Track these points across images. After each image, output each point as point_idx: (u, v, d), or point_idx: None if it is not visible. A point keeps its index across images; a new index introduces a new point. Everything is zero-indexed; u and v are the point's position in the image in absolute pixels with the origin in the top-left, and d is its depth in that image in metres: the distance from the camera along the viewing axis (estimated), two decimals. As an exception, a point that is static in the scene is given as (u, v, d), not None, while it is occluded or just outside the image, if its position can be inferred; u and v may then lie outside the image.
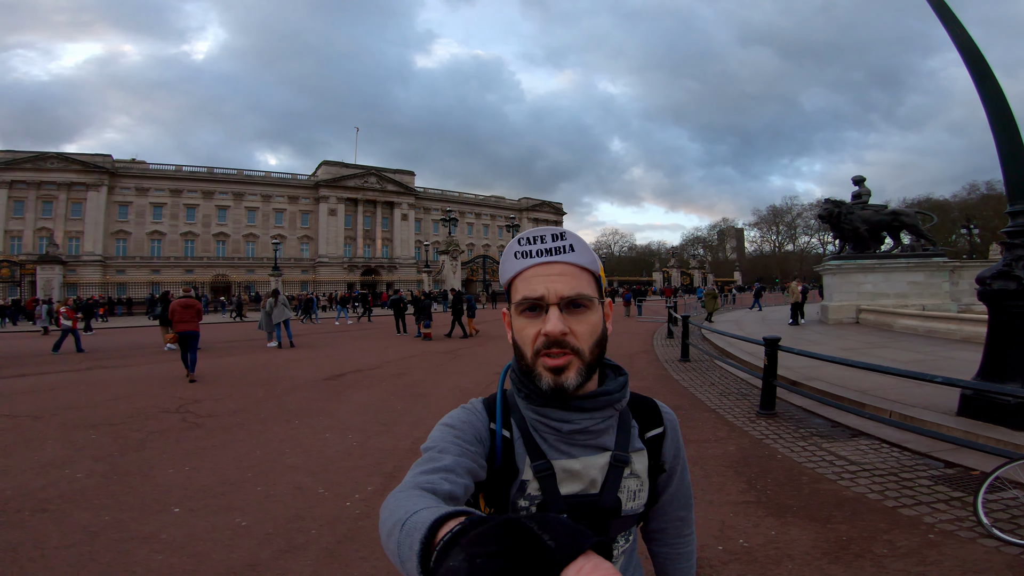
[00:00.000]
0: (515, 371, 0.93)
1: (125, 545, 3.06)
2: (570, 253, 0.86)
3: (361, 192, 63.12)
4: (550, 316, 0.83)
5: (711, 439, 5.22)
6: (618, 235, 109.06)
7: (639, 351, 12.37)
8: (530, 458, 0.88)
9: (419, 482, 0.73)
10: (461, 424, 0.87)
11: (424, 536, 0.53)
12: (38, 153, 49.97)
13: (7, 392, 8.17)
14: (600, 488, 0.88)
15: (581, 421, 0.88)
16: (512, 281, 0.89)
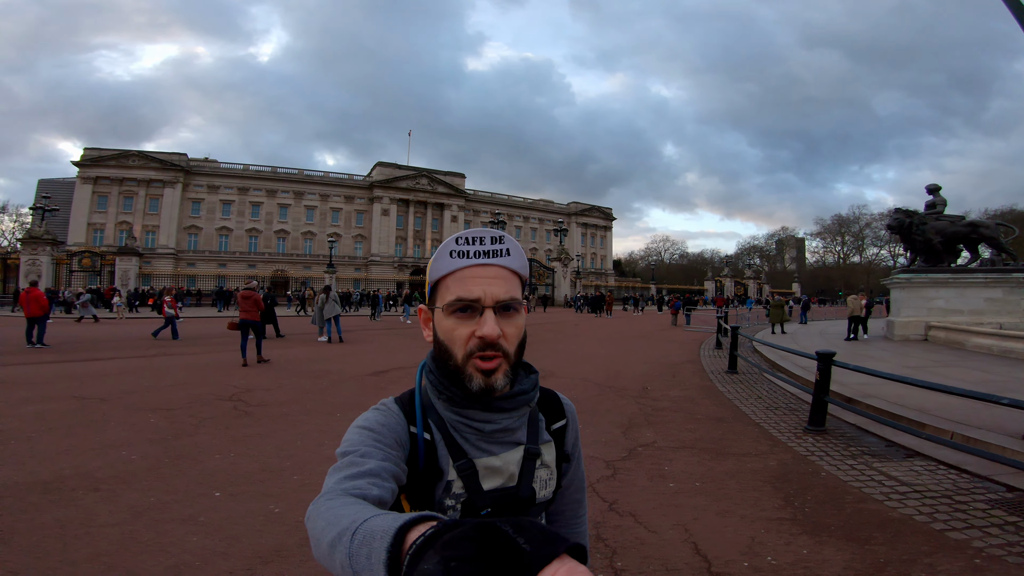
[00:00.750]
0: (432, 372, 0.93)
1: (165, 526, 3.25)
2: (506, 257, 0.87)
3: (413, 193, 64.68)
4: (486, 319, 0.83)
5: (751, 453, 5.05)
6: (669, 242, 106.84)
7: (684, 361, 12.04)
8: (452, 458, 0.88)
9: (346, 488, 0.72)
10: (380, 427, 0.86)
11: (391, 543, 0.51)
12: (121, 151, 54.08)
13: (80, 375, 8.87)
14: (517, 481, 0.91)
15: (502, 420, 0.90)
16: (443, 279, 0.87)
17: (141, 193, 53.74)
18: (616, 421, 6.10)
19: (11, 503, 3.48)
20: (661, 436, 5.51)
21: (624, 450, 4.94)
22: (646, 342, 16.75)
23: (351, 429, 0.86)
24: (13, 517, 3.25)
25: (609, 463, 4.52)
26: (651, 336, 19.06)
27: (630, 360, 11.90)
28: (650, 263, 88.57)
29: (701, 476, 4.27)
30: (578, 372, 9.84)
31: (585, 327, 22.99)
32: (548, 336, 17.91)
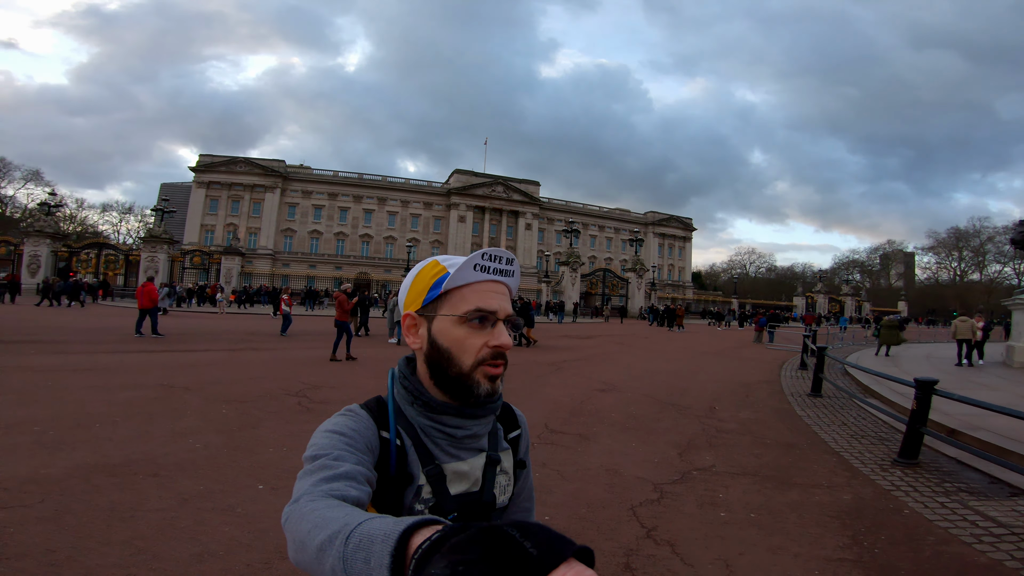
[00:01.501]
0: (406, 377, 0.96)
1: (204, 514, 3.36)
2: (512, 278, 0.95)
3: (488, 200, 65.89)
4: (501, 330, 0.89)
5: (822, 484, 4.52)
6: (755, 254, 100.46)
7: (760, 381, 11.19)
8: (422, 463, 0.90)
9: (325, 491, 0.71)
10: (351, 432, 0.86)
11: (395, 547, 0.50)
12: (230, 158, 59.65)
13: (173, 365, 9.73)
14: (481, 486, 0.95)
15: (473, 427, 0.94)
16: (459, 289, 0.90)
17: (246, 197, 58.92)
18: (673, 441, 5.73)
19: (75, 484, 3.75)
20: (721, 460, 5.09)
21: (677, 473, 4.60)
22: (721, 359, 15.80)
23: (319, 433, 0.86)
24: (72, 498, 3.49)
25: (657, 486, 4.21)
26: (727, 353, 17.97)
27: (699, 377, 11.25)
28: (733, 276, 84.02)
29: (758, 506, 3.86)
30: (640, 387, 9.42)
31: (656, 340, 22.14)
32: (614, 349, 17.41)
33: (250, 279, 45.46)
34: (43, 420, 5.41)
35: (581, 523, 3.41)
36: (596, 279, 49.71)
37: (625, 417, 6.85)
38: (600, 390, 8.86)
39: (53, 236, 37.88)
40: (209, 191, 58.57)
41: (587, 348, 16.93)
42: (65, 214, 63.05)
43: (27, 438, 4.76)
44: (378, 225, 63.47)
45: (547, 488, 4.03)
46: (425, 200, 65.47)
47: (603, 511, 3.62)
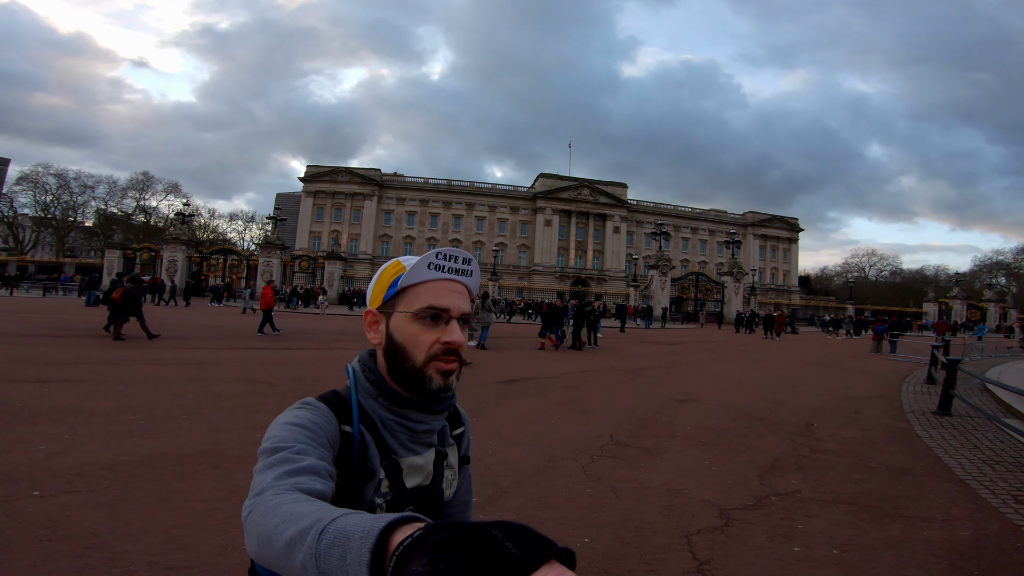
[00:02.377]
0: (370, 371, 0.98)
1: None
2: (470, 277, 0.95)
3: (574, 204, 65.24)
4: (453, 328, 0.91)
5: (935, 517, 3.76)
6: (876, 256, 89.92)
7: (875, 396, 9.81)
8: (381, 457, 0.93)
9: (290, 484, 0.70)
10: (313, 426, 0.86)
11: (374, 545, 0.49)
12: (332, 168, 64.42)
13: (267, 361, 10.44)
14: (432, 479, 0.99)
15: (432, 422, 0.98)
16: (414, 287, 0.92)
17: (347, 205, 63.23)
18: (754, 461, 5.06)
19: (144, 472, 3.95)
20: (810, 485, 4.38)
21: (752, 497, 4.00)
22: (828, 370, 14.17)
23: (279, 426, 0.85)
24: (135, 485, 3.68)
25: (724, 511, 3.66)
26: (836, 364, 16.11)
27: (800, 391, 10.08)
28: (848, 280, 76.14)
29: (846, 542, 3.21)
30: (727, 399, 8.60)
31: (753, 349, 20.42)
32: (703, 356, 16.25)
33: (352, 282, 48.58)
34: (141, 410, 5.89)
35: (623, 548, 3.01)
36: (688, 283, 47.30)
37: (702, 431, 6.22)
38: (679, 400, 8.20)
39: (188, 243, 43.04)
40: (316, 200, 63.55)
41: (672, 355, 15.98)
42: (200, 223, 71.62)
43: (121, 426, 5.19)
44: (467, 230, 65.18)
45: (595, 506, 3.66)
46: (511, 205, 66.22)
47: (653, 537, 3.18)
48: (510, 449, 5.13)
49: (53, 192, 60.97)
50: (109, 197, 65.33)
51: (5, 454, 4.15)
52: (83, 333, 13.21)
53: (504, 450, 5.09)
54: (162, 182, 69.39)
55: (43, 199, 60.70)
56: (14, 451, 4.24)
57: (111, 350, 10.46)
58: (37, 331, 13.09)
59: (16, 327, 13.70)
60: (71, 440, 4.65)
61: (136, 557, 2.70)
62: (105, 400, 6.24)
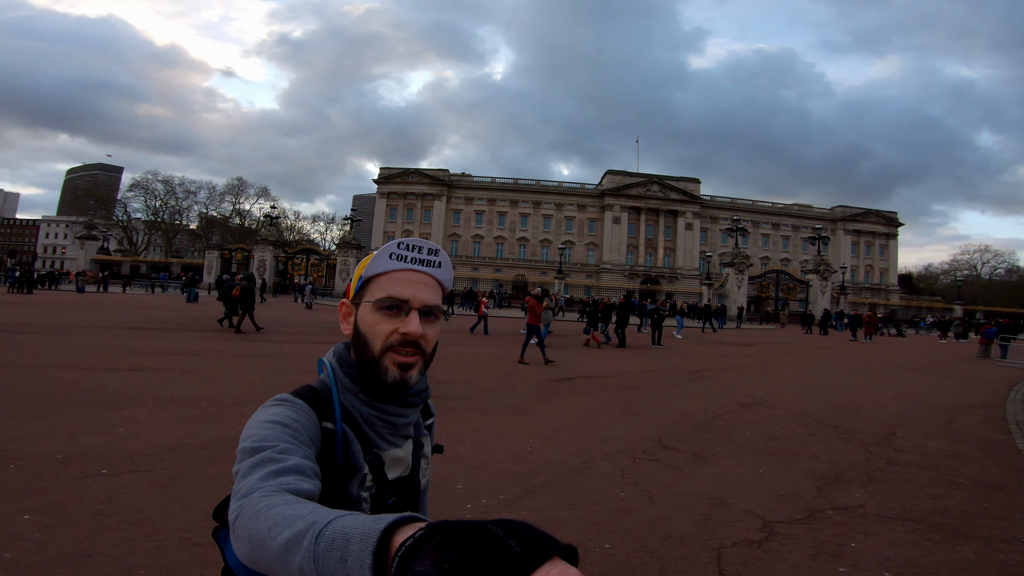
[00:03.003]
0: (348, 366, 0.95)
1: None
2: (438, 269, 0.94)
3: (644, 200, 63.39)
4: (412, 319, 0.89)
5: (1018, 539, 3.31)
6: (989, 253, 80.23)
7: (974, 404, 8.73)
8: (364, 451, 0.91)
9: (276, 484, 0.68)
10: (294, 424, 0.83)
11: (376, 546, 0.49)
12: (403, 169, 66.65)
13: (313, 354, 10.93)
14: (410, 470, 0.99)
15: (411, 415, 0.97)
16: (376, 277, 0.92)
17: (418, 205, 65.29)
18: (816, 471, 4.63)
19: (202, 455, 4.26)
20: (876, 499, 3.94)
21: (804, 510, 3.65)
22: (924, 376, 12.80)
23: (258, 424, 0.81)
24: (190, 467, 3.97)
25: (767, 524, 3.35)
26: (936, 369, 14.52)
27: (885, 397, 9.16)
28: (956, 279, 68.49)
29: (902, 564, 2.84)
30: (796, 403, 7.97)
31: (838, 351, 18.83)
32: (778, 358, 15.20)
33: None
34: (213, 398, 6.36)
35: (644, 557, 2.83)
36: (768, 281, 44.57)
37: (762, 437, 5.79)
38: (743, 404, 7.70)
39: (275, 244, 46.27)
40: (389, 201, 66.12)
41: (743, 356, 15.07)
42: (286, 224, 76.81)
43: (192, 412, 5.62)
44: (534, 228, 65.22)
45: (625, 511, 3.49)
46: (579, 202, 65.45)
47: (679, 547, 2.96)
48: (549, 447, 5.03)
49: (161, 197, 67.81)
50: (209, 201, 71.75)
51: (88, 435, 4.60)
52: (180, 327, 14.56)
53: (542, 448, 5.00)
54: (254, 186, 75.18)
55: (153, 204, 67.71)
56: (96, 433, 4.70)
57: (200, 342, 11.42)
58: (140, 325, 14.56)
59: (123, 321, 15.34)
60: (147, 424, 5.08)
61: (171, 533, 2.89)
62: (185, 388, 6.79)
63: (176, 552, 2.72)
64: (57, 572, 2.48)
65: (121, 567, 2.55)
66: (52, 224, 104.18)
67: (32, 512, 3.03)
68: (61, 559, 2.58)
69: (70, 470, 3.75)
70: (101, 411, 5.43)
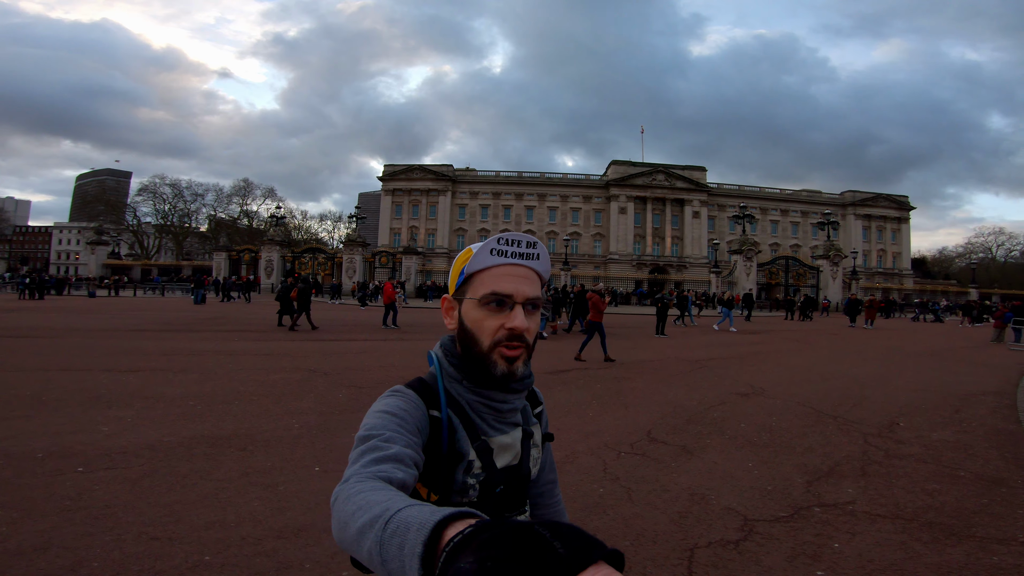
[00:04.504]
0: (452, 356, 0.99)
1: (250, 488, 3.52)
2: (536, 261, 0.95)
3: (649, 190, 62.83)
4: (516, 313, 0.91)
5: (1016, 539, 3.12)
6: (1004, 235, 78.64)
7: (985, 392, 8.47)
8: (471, 439, 0.94)
9: (372, 472, 0.72)
10: (402, 413, 0.88)
11: (428, 538, 0.51)
12: (407, 166, 66.53)
13: (329, 351, 10.93)
14: (519, 459, 1.01)
15: (516, 401, 0.99)
16: (478, 274, 0.94)
17: (423, 201, 65.22)
18: (808, 465, 4.47)
19: (179, 451, 4.25)
20: (867, 495, 3.78)
21: (789, 507, 3.50)
22: (937, 362, 12.49)
23: (372, 414, 0.88)
24: (165, 463, 3.96)
25: (747, 523, 3.22)
26: (949, 355, 14.18)
27: (891, 384, 8.92)
28: (974, 259, 67.22)
29: (884, 567, 2.68)
30: (798, 393, 7.78)
31: (847, 339, 18.49)
32: (785, 346, 14.94)
33: (429, 276, 50.18)
34: (202, 396, 6.36)
35: (611, 560, 2.70)
36: (777, 268, 43.98)
37: (756, 429, 5.64)
38: (741, 394, 7.54)
39: (281, 244, 46.50)
40: (394, 197, 66.11)
41: (749, 344, 14.84)
42: (294, 224, 77.16)
43: (179, 410, 5.63)
44: (539, 221, 64.91)
45: (600, 508, 3.38)
46: (584, 194, 65.01)
47: (650, 547, 2.84)
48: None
49: (170, 201, 68.44)
50: (217, 204, 72.29)
51: (72, 434, 4.63)
52: (184, 328, 14.65)
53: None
54: (260, 187, 75.62)
55: (162, 208, 68.35)
56: (81, 431, 4.73)
57: (200, 343, 11.47)
58: (145, 327, 14.66)
59: (129, 324, 15.46)
60: (132, 422, 5.10)
61: (131, 528, 2.91)
62: (177, 387, 6.80)
63: (132, 545, 2.73)
64: (13, 563, 2.52)
65: (75, 559, 2.58)
66: (64, 231, 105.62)
67: (3, 507, 3.08)
68: (21, 551, 2.63)
69: (48, 467, 3.79)
70: (90, 411, 5.48)
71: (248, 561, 2.65)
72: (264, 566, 2.62)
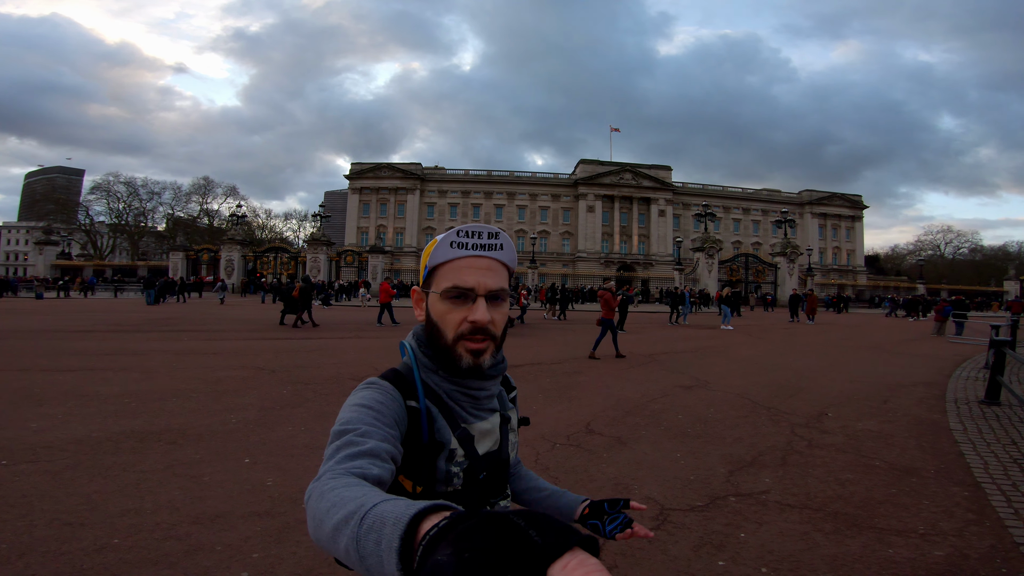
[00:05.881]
0: (425, 346, 0.98)
1: (173, 479, 3.59)
2: (499, 251, 0.94)
3: (617, 189, 63.75)
4: (478, 306, 0.90)
5: (915, 531, 3.25)
6: (952, 233, 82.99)
7: (917, 382, 8.94)
8: (451, 427, 0.94)
9: (347, 468, 0.72)
10: (378, 406, 0.87)
11: (404, 532, 0.51)
12: (375, 164, 65.71)
13: (283, 349, 10.75)
14: (499, 444, 1.01)
15: (492, 387, 1.00)
16: (440, 267, 0.94)
17: (391, 200, 64.53)
18: (733, 455, 4.67)
19: (106, 446, 4.23)
20: (783, 485, 3.97)
21: (706, 496, 3.66)
22: (878, 355, 13.07)
23: (347, 407, 0.87)
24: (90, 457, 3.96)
25: (664, 511, 3.35)
26: (890, 348, 14.87)
27: (832, 376, 9.31)
28: (923, 256, 70.51)
29: (782, 559, 2.84)
30: (739, 385, 8.07)
31: (798, 333, 19.19)
32: (737, 341, 15.42)
33: (399, 274, 49.65)
34: (140, 394, 6.26)
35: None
36: (737, 265, 45.26)
37: (691, 420, 5.84)
38: (685, 387, 7.77)
39: (242, 243, 45.25)
40: (361, 196, 65.19)
41: (704, 339, 15.26)
42: (258, 223, 75.18)
43: (112, 408, 5.55)
44: (509, 219, 65.06)
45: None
46: (552, 192, 65.49)
47: (561, 536, 2.94)
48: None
49: (124, 200, 65.83)
50: (175, 202, 69.93)
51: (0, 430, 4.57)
52: (133, 328, 14.17)
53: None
54: (221, 186, 73.49)
55: (116, 207, 65.65)
56: (9, 428, 4.68)
57: (146, 343, 11.11)
58: (92, 327, 14.12)
59: (76, 324, 14.85)
60: (62, 419, 5.03)
61: (46, 515, 2.95)
62: (114, 385, 6.68)
63: (43, 530, 2.78)
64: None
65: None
66: (13, 231, 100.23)
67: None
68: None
69: (-29, 462, 3.73)
70: (21, 409, 5.39)
71: (157, 544, 2.70)
72: (173, 548, 2.67)
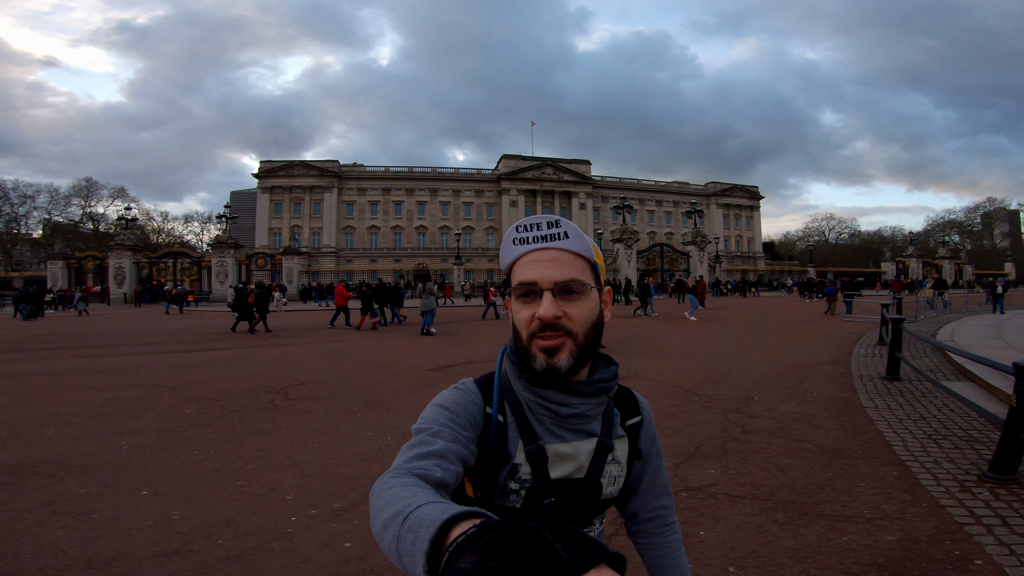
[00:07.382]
0: (513, 352, 0.95)
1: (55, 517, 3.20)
2: (564, 240, 0.89)
3: (539, 183, 64.61)
4: (544, 301, 0.86)
5: (861, 516, 3.27)
6: (834, 220, 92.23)
7: (823, 362, 9.53)
8: (523, 442, 0.90)
9: (411, 468, 0.72)
10: (456, 407, 0.87)
11: (434, 535, 0.51)
12: (287, 162, 61.94)
13: (185, 363, 9.65)
14: (586, 472, 0.92)
15: (579, 405, 0.91)
16: (511, 268, 0.92)
17: (306, 199, 61.16)
18: (678, 447, 4.61)
19: None
20: (729, 475, 3.93)
21: (656, 496, 3.53)
22: (782, 336, 13.98)
23: (429, 406, 0.88)
24: None
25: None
26: (791, 328, 15.98)
27: (749, 360, 9.74)
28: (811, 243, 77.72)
29: (747, 555, 2.74)
30: (668, 374, 8.20)
31: (714, 318, 20.28)
32: (660, 328, 15.97)
33: (316, 276, 47.15)
34: (12, 421, 5.52)
35: None
36: (653, 255, 47.40)
37: (631, 414, 5.76)
38: (620, 378, 7.74)
39: (134, 248, 40.91)
40: (272, 196, 61.24)
41: (624, 329, 15.62)
42: (153, 227, 68.56)
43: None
44: (432, 216, 63.94)
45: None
46: (476, 188, 65.16)
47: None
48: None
49: (-10, 204, 57.47)
50: (52, 206, 62.23)
51: None
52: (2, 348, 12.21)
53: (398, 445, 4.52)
54: (107, 187, 66.37)
55: (-20, 212, 57.22)
56: None
57: (16, 364, 9.56)
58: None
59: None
60: None
61: None
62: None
63: None
64: None
65: None
66: None
67: None
68: None
69: None
70: None
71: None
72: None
